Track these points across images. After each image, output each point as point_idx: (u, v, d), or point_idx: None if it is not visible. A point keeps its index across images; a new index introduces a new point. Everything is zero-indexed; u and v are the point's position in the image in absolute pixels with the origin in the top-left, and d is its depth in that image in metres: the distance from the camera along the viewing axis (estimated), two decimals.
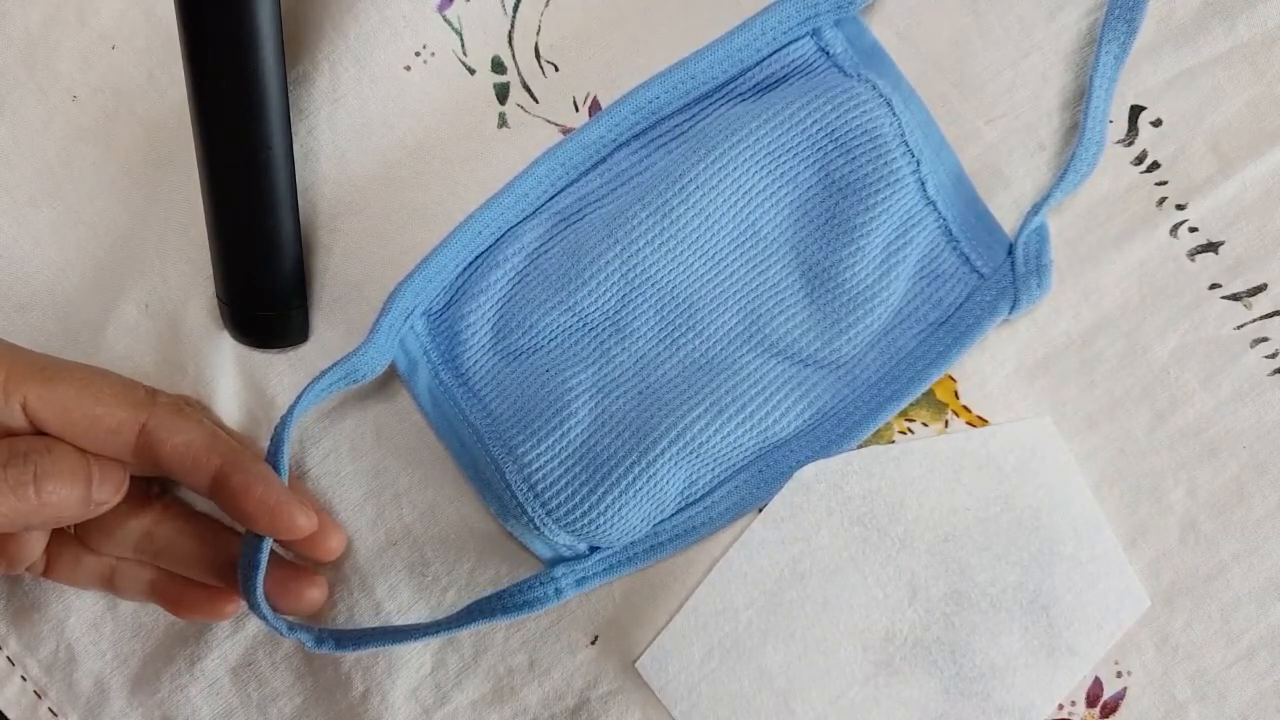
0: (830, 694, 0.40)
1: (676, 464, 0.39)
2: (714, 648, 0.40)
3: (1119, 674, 0.41)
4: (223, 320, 0.41)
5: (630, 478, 0.38)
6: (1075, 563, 0.40)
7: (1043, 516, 0.40)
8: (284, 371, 0.42)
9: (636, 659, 0.40)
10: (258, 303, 0.41)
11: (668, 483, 0.39)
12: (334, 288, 0.42)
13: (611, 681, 0.41)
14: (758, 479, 0.40)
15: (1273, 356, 0.41)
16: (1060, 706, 0.41)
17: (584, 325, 0.40)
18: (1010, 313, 0.41)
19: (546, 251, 0.41)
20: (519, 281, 0.41)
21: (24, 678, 0.42)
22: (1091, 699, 0.41)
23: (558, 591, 0.39)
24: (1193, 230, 0.42)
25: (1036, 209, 0.41)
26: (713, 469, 0.40)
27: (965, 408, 0.41)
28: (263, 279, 0.40)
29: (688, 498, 0.40)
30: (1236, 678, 0.41)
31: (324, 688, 0.42)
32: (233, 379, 0.42)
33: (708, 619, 0.40)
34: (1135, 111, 0.42)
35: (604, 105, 0.42)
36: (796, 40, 0.41)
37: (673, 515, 0.40)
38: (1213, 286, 0.42)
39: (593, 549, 0.40)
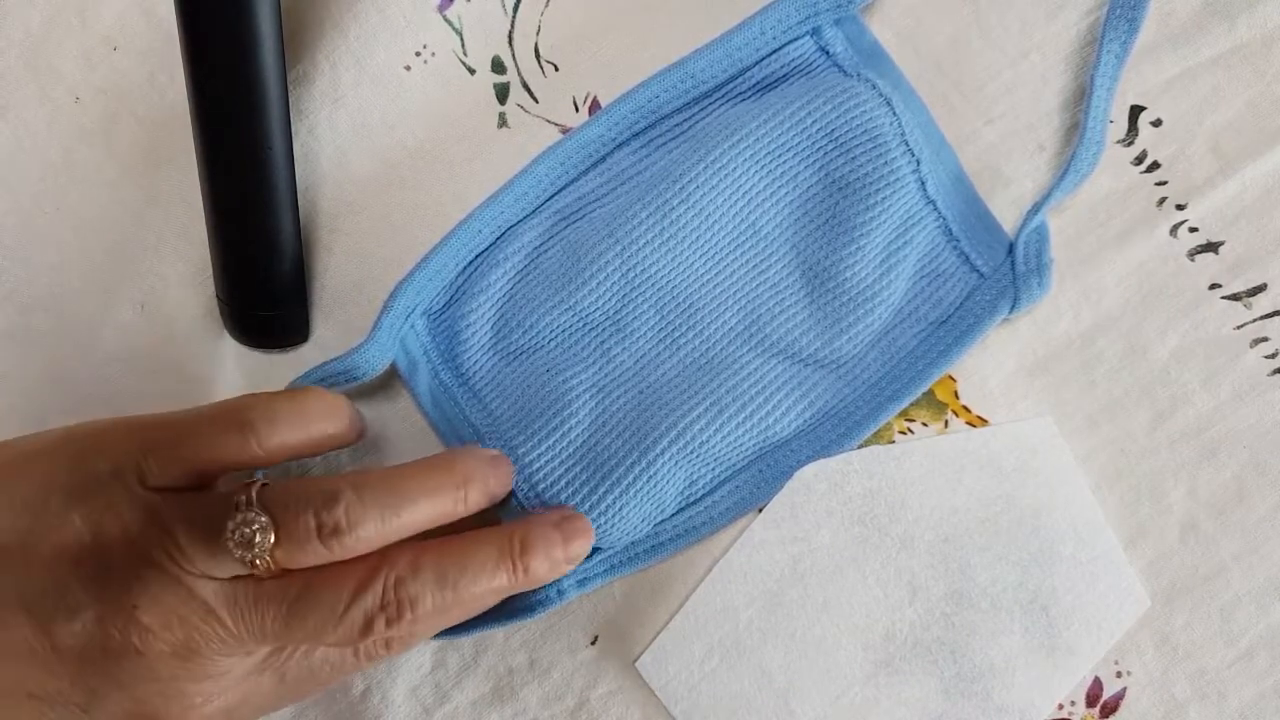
0: (830, 694, 0.40)
1: (677, 464, 0.39)
2: (714, 647, 0.40)
3: (1119, 674, 0.41)
4: (223, 320, 0.42)
5: (630, 477, 0.38)
6: (1075, 563, 0.40)
7: (1043, 516, 0.40)
8: (284, 371, 0.42)
9: (636, 659, 0.40)
10: (258, 303, 0.41)
11: (668, 482, 0.39)
12: (334, 288, 0.42)
13: (611, 681, 0.41)
14: (758, 479, 0.40)
15: (1273, 356, 0.41)
16: (1060, 706, 0.41)
17: (584, 324, 0.40)
18: (1010, 312, 0.40)
19: (547, 250, 0.41)
20: (519, 280, 0.41)
21: None
22: (1091, 699, 0.41)
23: (559, 593, 0.39)
24: (1193, 230, 0.42)
25: (1036, 208, 0.41)
26: (713, 469, 0.40)
27: (965, 408, 0.41)
28: (263, 279, 0.40)
29: (688, 497, 0.40)
30: (1236, 678, 0.41)
31: None
32: (232, 379, 0.42)
33: (708, 618, 0.40)
34: (1135, 111, 0.42)
35: (604, 105, 0.42)
36: (796, 40, 0.41)
37: (673, 515, 0.40)
38: (1213, 286, 0.42)
39: (593, 550, 0.40)
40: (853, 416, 0.40)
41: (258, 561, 0.32)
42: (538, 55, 0.43)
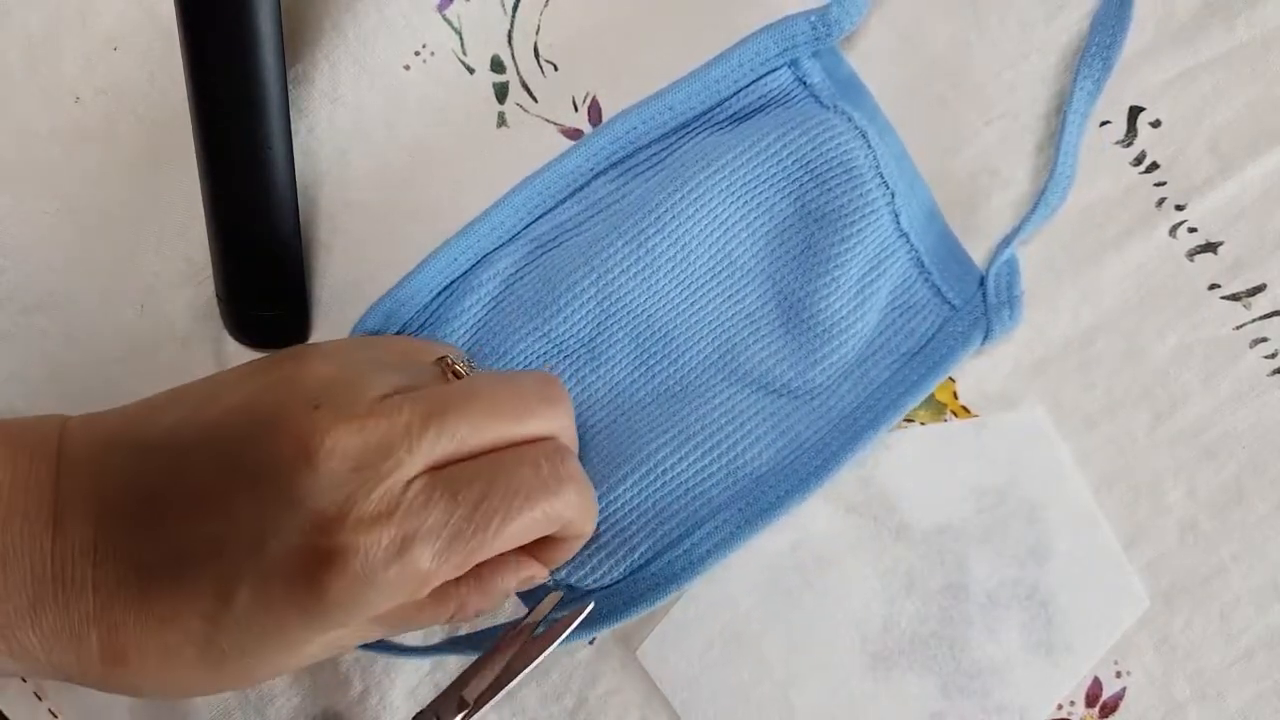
0: (829, 687, 0.40)
1: (640, 492, 0.39)
2: (714, 637, 0.40)
3: (1118, 674, 0.41)
4: (223, 320, 0.42)
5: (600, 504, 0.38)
6: (1072, 559, 0.40)
7: (1038, 510, 0.40)
8: None
9: (637, 648, 0.40)
10: (258, 303, 0.41)
11: (632, 510, 0.39)
12: (334, 288, 0.42)
13: (610, 681, 0.41)
14: (738, 518, 0.39)
15: (1272, 356, 0.41)
16: (1060, 706, 0.41)
17: (559, 351, 0.40)
18: (983, 343, 0.41)
19: (522, 278, 0.41)
20: (494, 308, 0.40)
21: (24, 679, 0.42)
22: (1091, 699, 0.41)
23: None
24: (1192, 230, 0.42)
25: (1007, 241, 0.41)
26: (683, 501, 0.39)
27: (964, 408, 0.41)
28: (263, 279, 0.41)
29: (661, 538, 0.39)
30: (1236, 678, 0.41)
31: (322, 688, 0.42)
32: None
33: (707, 607, 0.40)
34: (1134, 112, 0.42)
35: (603, 105, 0.42)
36: (774, 70, 0.41)
37: (650, 562, 0.39)
38: (1212, 287, 0.42)
39: (566, 585, 0.39)
40: (828, 448, 0.40)
41: None
42: (537, 55, 0.43)
